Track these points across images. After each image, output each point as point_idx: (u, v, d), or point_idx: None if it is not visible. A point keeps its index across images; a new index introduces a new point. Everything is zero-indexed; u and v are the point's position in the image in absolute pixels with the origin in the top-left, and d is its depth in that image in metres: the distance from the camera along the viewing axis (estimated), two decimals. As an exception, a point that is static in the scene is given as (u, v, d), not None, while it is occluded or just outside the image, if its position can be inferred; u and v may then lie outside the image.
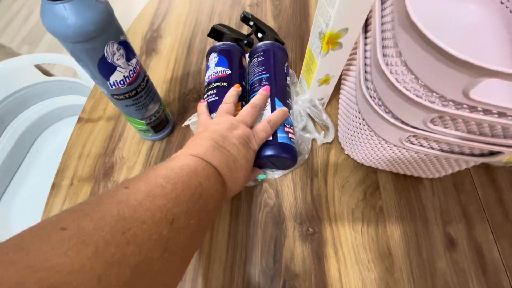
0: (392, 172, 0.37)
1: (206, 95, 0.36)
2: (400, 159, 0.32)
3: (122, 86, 0.28)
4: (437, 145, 0.27)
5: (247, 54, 0.43)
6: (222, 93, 0.35)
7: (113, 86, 0.27)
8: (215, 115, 0.33)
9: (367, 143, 0.31)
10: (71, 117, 0.76)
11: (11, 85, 0.64)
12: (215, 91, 0.35)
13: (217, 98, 0.35)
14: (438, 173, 0.33)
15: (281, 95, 0.35)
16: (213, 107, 0.34)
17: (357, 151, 0.34)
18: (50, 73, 0.70)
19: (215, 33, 0.45)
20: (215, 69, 0.37)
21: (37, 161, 0.71)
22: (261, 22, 0.47)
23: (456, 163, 0.30)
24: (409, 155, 0.30)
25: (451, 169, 0.31)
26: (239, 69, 0.38)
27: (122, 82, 0.27)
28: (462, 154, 0.27)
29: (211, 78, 0.37)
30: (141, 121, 0.34)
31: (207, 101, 0.35)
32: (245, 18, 0.45)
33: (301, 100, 0.39)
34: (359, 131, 0.31)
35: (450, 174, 0.34)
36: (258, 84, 0.37)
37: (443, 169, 0.32)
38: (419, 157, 0.30)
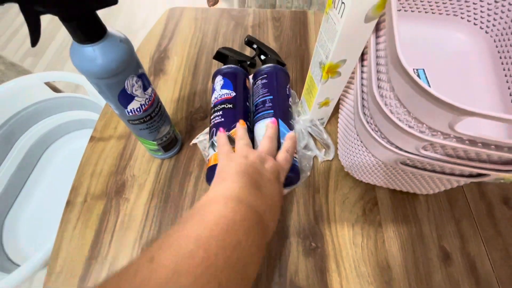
0: (389, 188, 0.39)
1: (212, 116, 0.38)
2: (396, 178, 0.34)
3: (138, 113, 0.30)
4: (430, 166, 0.29)
5: (251, 75, 0.45)
6: (227, 114, 0.37)
7: (130, 113, 0.30)
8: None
9: (365, 163, 0.34)
10: (79, 131, 0.78)
11: (22, 101, 0.66)
12: (221, 112, 0.38)
13: (223, 119, 0.37)
14: (432, 190, 0.36)
15: (284, 116, 0.38)
16: (218, 128, 0.36)
17: (356, 169, 0.37)
18: (58, 89, 0.73)
19: (220, 56, 0.48)
20: (220, 91, 0.40)
21: (44, 174, 0.72)
22: (264, 44, 0.49)
23: (448, 182, 0.32)
24: (405, 174, 0.33)
25: (444, 186, 0.34)
26: (243, 90, 0.41)
27: (138, 109, 0.30)
28: (452, 175, 0.29)
29: (217, 100, 0.39)
30: (153, 142, 0.37)
31: (213, 122, 0.38)
32: (249, 41, 0.48)
33: (302, 120, 0.42)
34: (358, 152, 0.34)
35: (443, 190, 0.36)
36: (262, 105, 0.39)
37: (436, 187, 0.34)
38: (414, 176, 0.32)
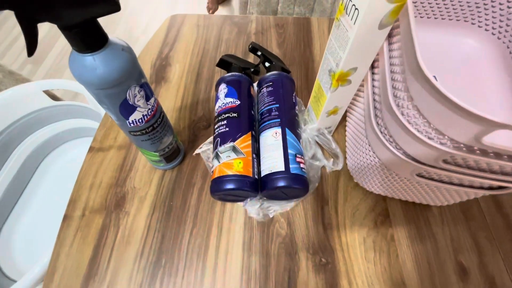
0: (401, 199, 0.37)
1: (216, 125, 0.37)
2: (410, 189, 0.33)
3: (140, 124, 0.29)
4: (447, 178, 0.28)
5: (255, 83, 0.44)
6: (232, 123, 0.36)
7: (132, 124, 0.28)
8: (225, 146, 0.34)
9: (377, 174, 0.32)
10: (78, 139, 0.76)
11: (20, 110, 0.65)
12: (225, 122, 0.36)
13: (227, 129, 0.36)
14: (447, 202, 0.34)
15: (291, 125, 0.36)
16: (223, 138, 0.35)
17: (367, 180, 0.35)
18: (57, 97, 0.72)
19: (223, 63, 0.46)
20: (224, 99, 0.39)
21: (41, 185, 0.70)
22: (268, 51, 0.48)
23: (465, 194, 0.30)
24: (419, 186, 0.31)
25: (460, 198, 0.32)
26: (248, 99, 0.39)
27: (140, 120, 0.28)
28: (471, 187, 0.28)
29: (221, 109, 0.38)
30: (155, 153, 0.35)
31: (217, 132, 0.36)
32: (253, 48, 0.46)
33: (309, 128, 0.40)
34: (369, 163, 0.32)
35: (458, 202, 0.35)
36: (268, 114, 0.38)
37: (452, 198, 0.33)
38: (429, 187, 0.31)
